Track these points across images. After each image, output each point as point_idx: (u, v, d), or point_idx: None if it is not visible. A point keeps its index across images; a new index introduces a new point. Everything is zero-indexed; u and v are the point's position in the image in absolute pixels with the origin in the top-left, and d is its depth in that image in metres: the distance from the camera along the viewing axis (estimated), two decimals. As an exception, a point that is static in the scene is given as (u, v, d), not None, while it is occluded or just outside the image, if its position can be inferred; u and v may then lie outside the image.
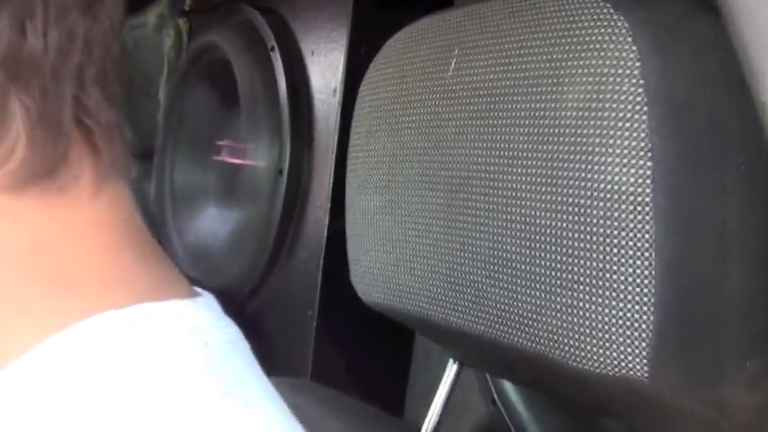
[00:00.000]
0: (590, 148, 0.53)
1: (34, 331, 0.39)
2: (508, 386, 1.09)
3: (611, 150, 0.52)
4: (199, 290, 0.45)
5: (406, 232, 0.68)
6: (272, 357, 1.38)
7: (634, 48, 0.52)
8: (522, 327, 0.58)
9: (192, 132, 1.69)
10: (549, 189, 0.56)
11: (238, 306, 1.48)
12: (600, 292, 0.53)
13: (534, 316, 0.57)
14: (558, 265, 0.55)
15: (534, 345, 0.57)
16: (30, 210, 0.40)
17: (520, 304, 0.58)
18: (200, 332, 0.41)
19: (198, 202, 1.67)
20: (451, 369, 0.79)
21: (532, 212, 0.57)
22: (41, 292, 0.40)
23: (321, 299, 1.37)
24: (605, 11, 0.54)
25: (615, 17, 0.53)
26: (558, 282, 0.55)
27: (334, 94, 1.36)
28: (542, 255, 0.56)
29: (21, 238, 0.40)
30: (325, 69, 1.39)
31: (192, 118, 1.68)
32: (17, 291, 0.40)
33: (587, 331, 0.54)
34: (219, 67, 1.57)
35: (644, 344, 0.52)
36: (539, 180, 0.56)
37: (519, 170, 0.58)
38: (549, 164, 0.56)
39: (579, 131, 0.54)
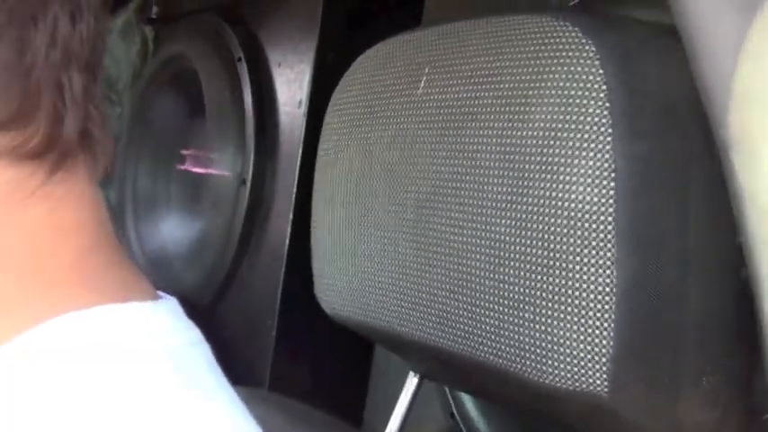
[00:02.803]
0: (555, 168, 0.54)
1: (5, 328, 0.40)
2: (467, 399, 1.09)
3: (575, 170, 0.53)
4: (162, 294, 0.46)
5: (372, 247, 0.68)
6: (232, 366, 1.36)
7: (600, 71, 0.53)
8: (484, 341, 0.58)
9: (156, 140, 1.68)
10: (514, 206, 0.56)
11: (198, 315, 1.47)
12: (562, 308, 0.53)
13: (496, 330, 0.57)
14: (522, 281, 0.56)
15: (496, 359, 0.58)
16: (28, 204, 0.40)
17: (483, 318, 0.58)
18: (160, 334, 0.42)
19: (160, 209, 1.66)
20: (412, 381, 0.79)
21: (498, 228, 0.57)
22: (23, 285, 0.41)
23: (281, 309, 1.37)
24: (573, 34, 0.55)
25: (583, 40, 0.54)
26: (521, 297, 0.56)
27: (299, 105, 1.36)
28: (506, 270, 0.56)
29: (13, 234, 0.41)
30: (292, 81, 1.39)
31: (157, 126, 1.67)
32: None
33: (548, 346, 0.54)
34: (185, 76, 1.56)
35: (604, 359, 0.53)
36: (505, 197, 0.57)
37: (486, 187, 0.58)
38: (516, 182, 0.56)
39: (545, 151, 0.55)
